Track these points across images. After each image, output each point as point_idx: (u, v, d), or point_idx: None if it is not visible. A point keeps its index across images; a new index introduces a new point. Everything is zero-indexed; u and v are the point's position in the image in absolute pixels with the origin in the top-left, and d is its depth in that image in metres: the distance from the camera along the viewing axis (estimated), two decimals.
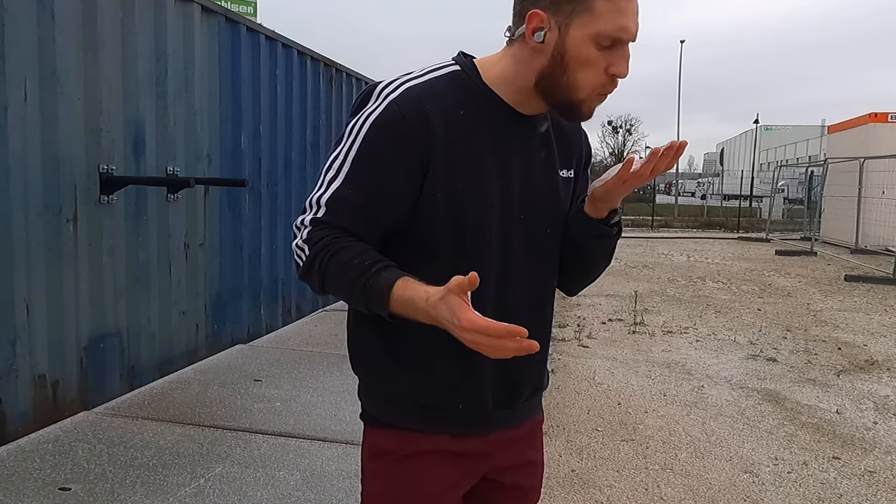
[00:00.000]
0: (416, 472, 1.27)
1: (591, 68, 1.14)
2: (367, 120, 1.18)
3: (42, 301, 3.17)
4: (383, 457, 1.29)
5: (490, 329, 1.00)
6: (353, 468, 2.69)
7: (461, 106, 1.20)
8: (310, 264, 1.17)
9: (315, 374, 3.91)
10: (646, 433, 4.22)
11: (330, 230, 1.17)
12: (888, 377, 5.59)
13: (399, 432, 1.28)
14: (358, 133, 1.18)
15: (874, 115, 15.96)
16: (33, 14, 3.08)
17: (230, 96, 4.70)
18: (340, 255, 1.14)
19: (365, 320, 1.25)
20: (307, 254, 1.17)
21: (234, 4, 16.20)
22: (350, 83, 6.80)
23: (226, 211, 4.72)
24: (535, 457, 1.44)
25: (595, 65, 1.14)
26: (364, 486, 1.33)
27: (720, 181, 50.12)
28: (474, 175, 1.20)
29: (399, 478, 1.28)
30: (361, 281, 1.12)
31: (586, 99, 1.18)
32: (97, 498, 2.37)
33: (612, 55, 1.14)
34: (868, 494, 3.48)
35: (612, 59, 1.14)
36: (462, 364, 1.24)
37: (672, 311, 8.18)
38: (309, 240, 1.17)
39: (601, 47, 1.13)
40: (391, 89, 1.20)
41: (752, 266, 12.72)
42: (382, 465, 1.29)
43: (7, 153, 2.97)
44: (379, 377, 1.30)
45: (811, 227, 17.51)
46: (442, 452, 1.27)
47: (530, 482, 1.43)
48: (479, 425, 1.30)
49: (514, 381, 1.31)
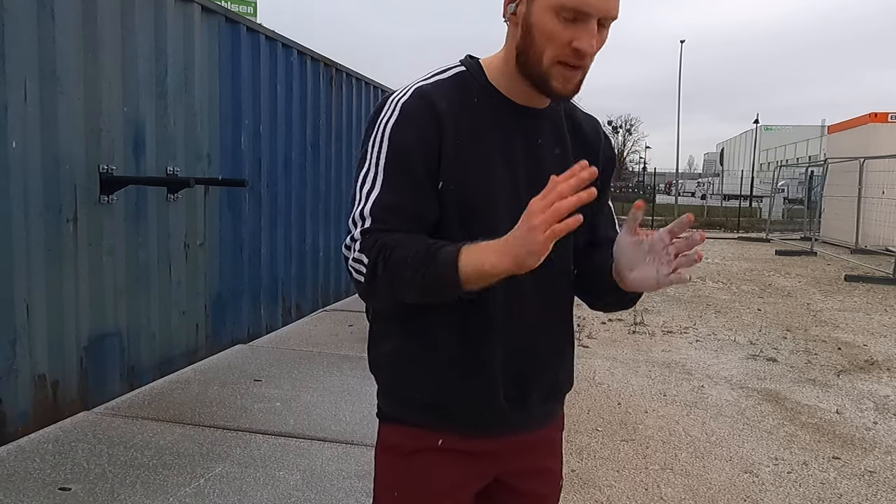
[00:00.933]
0: (423, 468, 1.29)
1: (554, 40, 1.15)
2: (387, 126, 1.22)
3: (42, 301, 3.17)
4: (393, 450, 1.32)
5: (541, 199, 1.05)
6: (353, 468, 2.69)
7: (466, 104, 1.24)
8: (373, 270, 1.16)
9: (315, 374, 3.91)
10: (646, 433, 4.23)
11: (381, 234, 1.17)
12: (888, 377, 5.59)
13: (409, 429, 1.30)
14: (381, 141, 1.21)
15: (874, 115, 15.96)
16: (33, 14, 3.08)
17: (230, 96, 4.70)
18: (399, 249, 1.14)
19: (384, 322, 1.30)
20: (367, 262, 1.16)
21: (234, 4, 16.20)
22: (350, 83, 6.80)
23: (226, 211, 4.72)
24: (552, 464, 1.43)
25: (558, 37, 1.15)
26: (375, 480, 1.35)
27: (720, 181, 50.14)
28: (482, 169, 1.23)
29: (407, 472, 1.30)
30: (430, 256, 1.11)
31: (549, 69, 1.18)
32: (97, 498, 2.37)
33: (577, 29, 1.14)
34: (868, 494, 3.48)
35: (577, 32, 1.14)
36: (471, 361, 1.25)
37: (672, 311, 8.18)
38: (364, 249, 1.17)
39: (565, 20, 1.14)
40: (401, 95, 1.24)
41: (752, 266, 12.73)
42: (391, 459, 1.32)
43: (7, 153, 2.97)
44: (392, 376, 1.32)
45: (811, 227, 17.52)
46: (451, 451, 1.29)
47: (545, 489, 1.42)
48: (491, 426, 1.30)
49: (525, 378, 1.31)
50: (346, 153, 6.71)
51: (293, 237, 5.71)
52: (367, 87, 7.23)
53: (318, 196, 6.15)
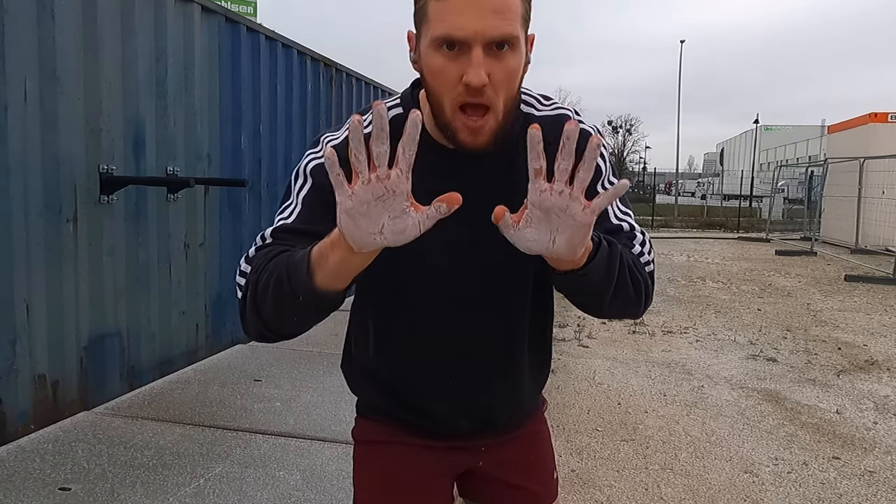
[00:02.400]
0: (394, 458, 1.30)
1: (446, 80, 1.00)
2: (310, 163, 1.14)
3: (42, 301, 3.17)
4: (365, 443, 1.35)
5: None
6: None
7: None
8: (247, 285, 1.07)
9: (315, 374, 3.91)
10: (646, 433, 4.22)
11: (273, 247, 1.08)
12: (888, 377, 5.59)
13: (379, 424, 1.32)
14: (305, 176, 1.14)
15: (874, 115, 15.96)
16: (33, 14, 3.08)
17: (230, 96, 4.70)
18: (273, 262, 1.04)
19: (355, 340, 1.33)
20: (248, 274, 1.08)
21: (234, 4, 16.20)
22: (350, 83, 6.81)
23: (226, 211, 4.72)
24: (540, 455, 1.39)
25: (446, 75, 0.99)
26: (353, 472, 1.37)
27: (720, 181, 50.17)
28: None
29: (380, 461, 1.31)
30: (283, 261, 1.00)
31: (453, 119, 1.02)
32: (97, 498, 2.37)
33: (463, 62, 0.97)
34: (868, 494, 3.48)
35: (463, 66, 0.97)
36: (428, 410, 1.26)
37: (672, 311, 8.18)
38: (249, 260, 1.10)
39: (447, 54, 0.98)
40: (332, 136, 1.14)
41: (752, 266, 12.73)
42: (364, 449, 1.35)
43: (7, 153, 2.97)
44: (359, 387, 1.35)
45: (811, 227, 17.51)
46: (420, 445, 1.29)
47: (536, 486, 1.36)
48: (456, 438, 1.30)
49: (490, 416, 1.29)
50: None
51: None
52: (367, 87, 7.24)
53: None
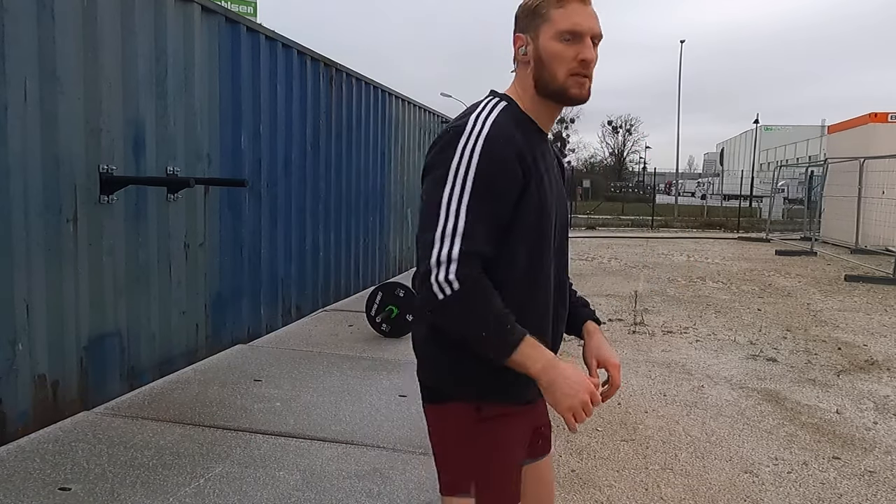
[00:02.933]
0: (493, 430, 1.53)
1: (563, 59, 1.50)
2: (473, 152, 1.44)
3: (42, 301, 3.17)
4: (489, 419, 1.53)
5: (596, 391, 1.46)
6: (353, 468, 2.69)
7: (522, 133, 1.51)
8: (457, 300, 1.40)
9: (315, 374, 3.91)
10: (646, 433, 4.23)
11: (473, 261, 1.41)
12: (888, 377, 5.59)
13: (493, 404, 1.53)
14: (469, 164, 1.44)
15: (874, 115, 15.95)
16: (33, 14, 3.08)
17: (230, 96, 4.70)
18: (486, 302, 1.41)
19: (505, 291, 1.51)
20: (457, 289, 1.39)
21: (234, 4, 16.22)
22: (350, 83, 6.80)
23: (226, 211, 4.72)
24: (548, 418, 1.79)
25: (565, 56, 1.50)
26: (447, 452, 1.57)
27: (720, 181, 50.14)
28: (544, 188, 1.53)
29: (482, 434, 1.53)
30: (502, 327, 1.41)
31: (565, 82, 1.52)
32: (97, 498, 2.37)
33: (578, 46, 1.50)
34: (868, 494, 3.48)
35: (579, 48, 1.50)
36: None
37: (672, 311, 8.18)
38: (459, 276, 1.39)
39: (565, 42, 1.50)
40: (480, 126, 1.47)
41: (752, 266, 12.73)
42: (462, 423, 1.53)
43: (7, 153, 2.97)
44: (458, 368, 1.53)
45: (811, 227, 17.52)
46: (514, 415, 1.57)
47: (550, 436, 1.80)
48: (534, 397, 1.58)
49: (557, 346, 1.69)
50: (346, 153, 6.71)
51: (293, 237, 5.71)
52: (367, 87, 7.23)
53: (317, 196, 6.15)
